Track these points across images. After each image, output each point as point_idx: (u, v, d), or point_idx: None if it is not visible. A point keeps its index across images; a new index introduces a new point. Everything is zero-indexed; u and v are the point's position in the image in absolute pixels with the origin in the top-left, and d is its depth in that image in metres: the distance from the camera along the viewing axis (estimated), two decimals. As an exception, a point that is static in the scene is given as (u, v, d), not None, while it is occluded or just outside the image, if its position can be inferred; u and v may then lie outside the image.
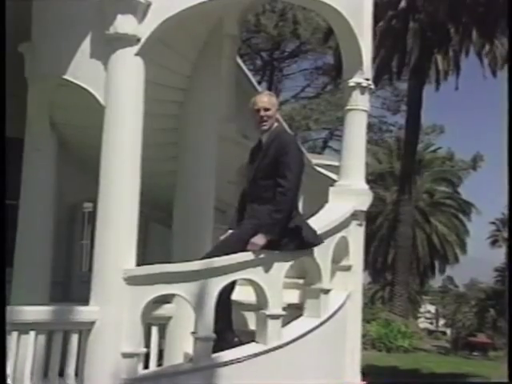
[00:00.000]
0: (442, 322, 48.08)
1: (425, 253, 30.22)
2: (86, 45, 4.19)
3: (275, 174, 3.93)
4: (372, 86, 5.13)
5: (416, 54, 19.51)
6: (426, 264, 30.76)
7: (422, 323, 42.33)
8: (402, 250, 21.15)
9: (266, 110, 4.04)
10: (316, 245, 4.14)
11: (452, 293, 49.22)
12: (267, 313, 3.99)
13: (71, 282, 7.80)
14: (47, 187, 4.96)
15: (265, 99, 4.08)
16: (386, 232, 29.19)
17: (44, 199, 4.91)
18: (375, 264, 30.50)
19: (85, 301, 3.95)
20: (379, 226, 29.62)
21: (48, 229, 5.01)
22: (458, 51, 19.50)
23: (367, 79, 5.05)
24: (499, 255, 36.96)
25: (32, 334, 3.66)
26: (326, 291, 4.43)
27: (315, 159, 12.58)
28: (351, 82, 5.03)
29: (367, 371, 5.15)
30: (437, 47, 19.44)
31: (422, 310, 45.08)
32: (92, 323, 3.83)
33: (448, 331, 43.37)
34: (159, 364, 4.29)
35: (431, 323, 48.09)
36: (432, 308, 50.14)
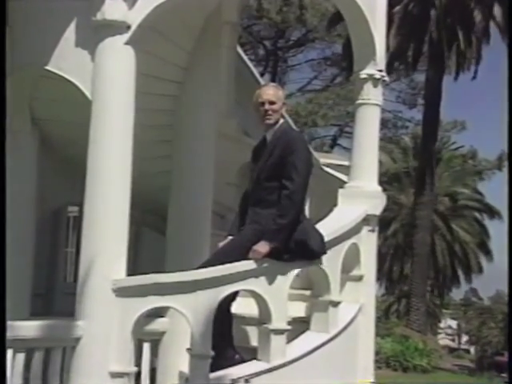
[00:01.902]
0: (464, 338, 48.01)
1: (445, 261, 30.20)
2: (71, 32, 4.20)
3: (280, 174, 3.94)
4: (386, 78, 5.16)
5: (435, 41, 19.50)
6: (447, 274, 30.73)
7: (443, 340, 42.28)
8: (420, 258, 21.12)
9: (272, 103, 4.05)
10: (325, 253, 4.15)
11: (476, 306, 49.13)
12: (270, 327, 4.00)
13: (54, 294, 7.81)
14: (28, 189, 4.97)
15: (270, 91, 4.10)
16: (402, 238, 29.18)
17: (24, 203, 4.93)
18: (389, 274, 30.49)
19: (69, 315, 3.96)
20: (394, 232, 29.61)
21: (29, 235, 5.02)
22: (481, 37, 19.46)
23: (380, 70, 5.07)
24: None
25: (9, 352, 3.66)
26: (335, 304, 4.44)
27: (323, 158, 12.62)
28: (363, 74, 5.05)
29: (381, 392, 5.16)
30: (459, 34, 19.41)
31: (442, 325, 45.03)
32: (77, 339, 3.83)
33: (472, 349, 43.26)
34: (151, 384, 4.31)
35: (452, 340, 48.03)
36: (453, 323, 50.05)
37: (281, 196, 3.92)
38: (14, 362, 3.67)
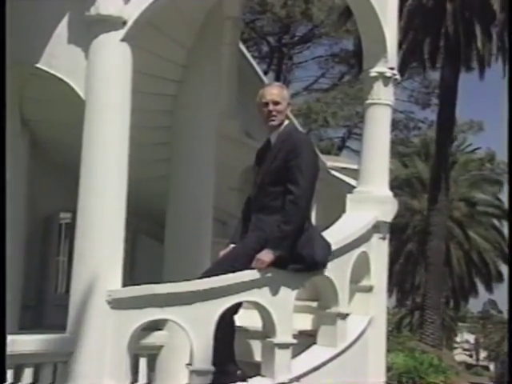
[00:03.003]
0: (483, 354, 47.80)
1: (461, 271, 30.12)
2: (63, 28, 4.22)
3: (285, 179, 3.95)
4: (397, 77, 5.18)
5: (451, 36, 19.48)
6: (463, 285, 30.65)
7: (459, 355, 42.12)
8: (434, 267, 21.06)
9: (276, 103, 4.06)
10: (327, 263, 4.15)
11: (495, 319, 48.89)
12: (275, 341, 4.00)
13: (44, 305, 7.82)
14: (17, 195, 4.99)
15: (274, 91, 4.11)
16: (415, 247, 29.13)
17: (14, 209, 4.93)
18: (402, 284, 30.42)
19: (60, 328, 3.97)
20: (406, 240, 29.56)
21: (18, 243, 5.05)
22: (501, 32, 19.38)
23: (392, 68, 5.09)
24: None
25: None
26: (344, 316, 4.45)
27: (330, 161, 12.61)
28: (373, 72, 5.07)
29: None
30: (478, 28, 19.36)
31: (458, 339, 44.86)
32: (69, 354, 3.84)
33: (491, 366, 43.08)
34: (149, 402, 4.31)
35: (470, 356, 47.83)
36: (471, 337, 49.83)
37: (285, 201, 3.93)
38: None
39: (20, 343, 3.75)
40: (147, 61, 4.46)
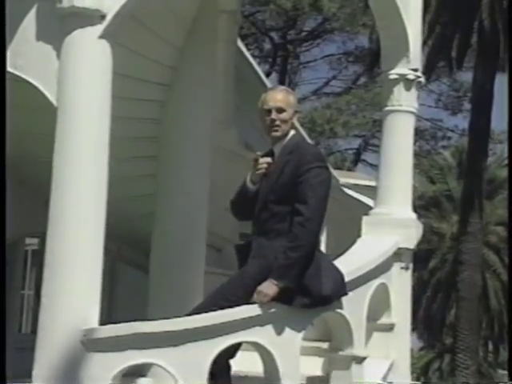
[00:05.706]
0: (529, 407, 47.41)
1: (500, 306, 30.03)
2: (31, 22, 4.24)
3: (293, 197, 3.96)
4: (422, 79, 5.21)
5: (487, 31, 19.57)
6: (502, 322, 30.56)
7: (500, 409, 41.79)
8: (468, 302, 21.01)
9: (280, 111, 4.08)
10: (345, 294, 4.16)
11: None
12: (279, 389, 4.00)
13: (5, 349, 7.78)
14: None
15: (279, 96, 4.13)
16: (444, 278, 29.08)
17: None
18: (429, 322, 30.32)
19: (25, 376, 3.96)
20: (434, 270, 29.52)
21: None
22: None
23: (415, 70, 5.13)
24: None
25: None
26: (360, 360, 4.44)
27: (344, 177, 12.66)
28: (393, 74, 5.11)
29: None
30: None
31: (498, 389, 44.54)
32: (37, 407, 3.84)
33: (539, 422, 42.69)
34: None
35: (512, 408, 47.42)
36: (514, 387, 49.51)
37: (293, 223, 3.94)
38: None
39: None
40: (130, 61, 4.50)
